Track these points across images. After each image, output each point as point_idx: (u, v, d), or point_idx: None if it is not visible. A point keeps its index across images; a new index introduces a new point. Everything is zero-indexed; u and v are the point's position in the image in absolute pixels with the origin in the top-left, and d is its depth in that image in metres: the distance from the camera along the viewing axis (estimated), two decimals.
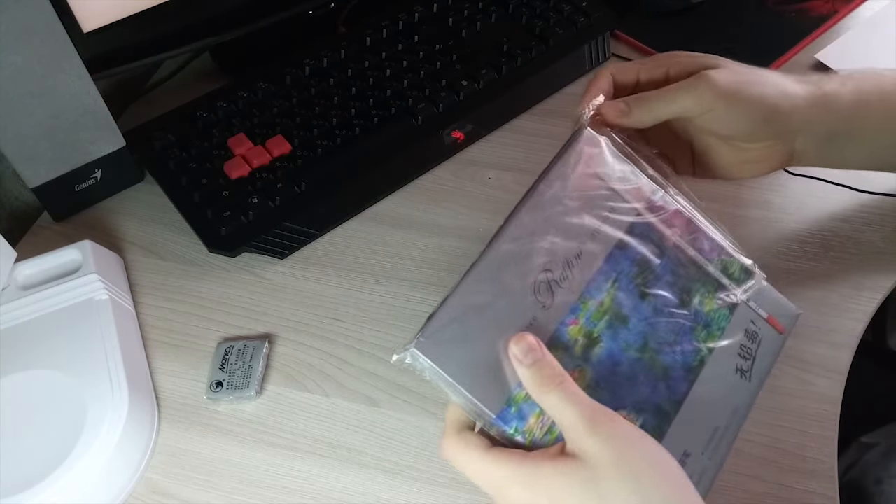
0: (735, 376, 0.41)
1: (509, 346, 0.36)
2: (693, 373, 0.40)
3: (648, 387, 0.38)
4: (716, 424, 0.40)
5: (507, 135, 0.65)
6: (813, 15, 0.72)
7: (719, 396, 0.40)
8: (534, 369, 0.35)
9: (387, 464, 0.46)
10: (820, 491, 0.43)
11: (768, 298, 0.44)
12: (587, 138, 0.42)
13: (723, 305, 0.42)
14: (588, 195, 0.41)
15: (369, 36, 0.68)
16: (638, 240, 0.41)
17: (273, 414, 0.49)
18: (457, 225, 0.59)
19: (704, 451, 0.39)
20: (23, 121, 0.54)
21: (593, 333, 0.38)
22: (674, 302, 0.41)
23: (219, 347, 0.51)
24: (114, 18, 0.59)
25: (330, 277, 0.56)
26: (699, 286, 0.42)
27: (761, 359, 0.42)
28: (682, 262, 0.42)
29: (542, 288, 0.38)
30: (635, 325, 0.39)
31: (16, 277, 0.52)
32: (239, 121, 0.62)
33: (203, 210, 0.57)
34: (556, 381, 0.34)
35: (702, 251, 0.43)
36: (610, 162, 0.42)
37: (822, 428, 0.46)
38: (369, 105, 0.63)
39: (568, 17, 0.69)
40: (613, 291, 0.39)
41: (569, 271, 0.39)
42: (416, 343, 0.35)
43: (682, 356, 0.40)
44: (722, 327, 0.42)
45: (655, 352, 0.39)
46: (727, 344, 0.41)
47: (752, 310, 0.43)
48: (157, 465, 0.47)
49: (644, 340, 0.39)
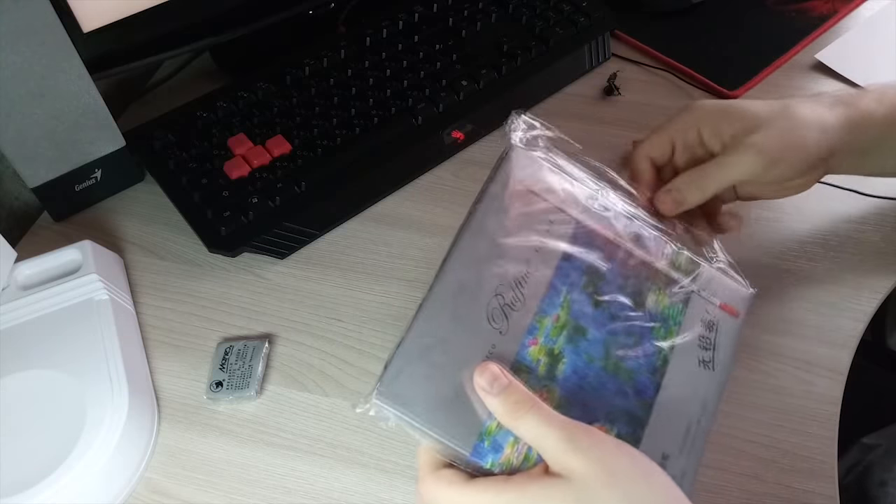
0: (699, 369, 0.41)
1: (473, 378, 0.35)
2: (658, 373, 0.40)
3: (617, 395, 0.38)
4: (688, 421, 0.40)
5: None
6: (813, 15, 0.73)
7: (687, 392, 0.40)
8: (501, 398, 0.34)
9: (387, 464, 0.46)
10: (820, 491, 0.43)
11: (719, 284, 0.44)
12: (517, 156, 0.42)
13: (676, 300, 0.42)
14: (525, 212, 0.40)
15: (369, 36, 0.68)
16: (582, 248, 0.41)
17: (273, 414, 0.49)
18: (457, 225, 0.58)
19: (682, 449, 0.39)
20: (23, 121, 0.54)
21: (555, 350, 0.38)
22: (628, 305, 0.40)
23: (219, 347, 0.51)
24: (114, 18, 0.59)
25: (330, 277, 0.56)
26: (650, 284, 0.42)
27: (722, 347, 0.42)
28: (629, 263, 0.42)
29: (495, 314, 0.37)
30: (594, 334, 0.39)
31: (16, 277, 0.52)
32: (239, 121, 0.62)
33: (203, 210, 0.57)
34: (527, 406, 0.34)
35: (647, 249, 0.43)
36: (542, 176, 0.42)
37: (823, 428, 0.46)
38: (369, 105, 0.63)
39: (568, 17, 0.69)
40: (567, 304, 0.39)
41: (519, 292, 0.38)
42: (375, 393, 0.34)
43: (646, 358, 0.40)
44: (679, 322, 0.42)
45: (619, 359, 0.39)
46: (686, 338, 0.41)
47: (704, 299, 0.43)
48: (157, 465, 0.47)
49: (605, 349, 0.39)
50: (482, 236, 0.39)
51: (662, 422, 0.39)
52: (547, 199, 0.41)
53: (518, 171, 0.41)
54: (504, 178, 0.41)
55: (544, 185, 0.42)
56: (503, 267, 0.39)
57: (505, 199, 0.40)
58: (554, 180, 0.42)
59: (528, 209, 0.41)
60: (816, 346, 0.49)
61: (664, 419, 0.39)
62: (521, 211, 0.40)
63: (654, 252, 0.43)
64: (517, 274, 0.39)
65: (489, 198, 0.40)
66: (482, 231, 0.39)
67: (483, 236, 0.39)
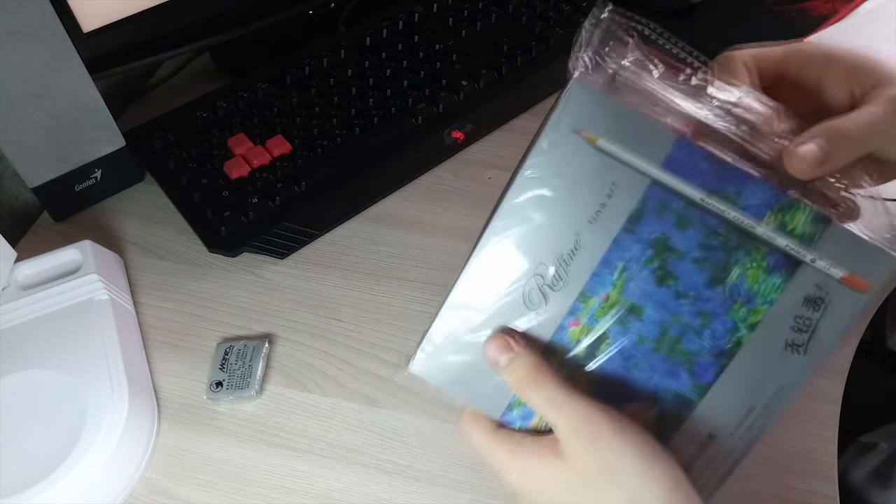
0: (784, 353, 0.34)
1: (483, 349, 0.35)
2: (726, 356, 0.34)
3: (667, 376, 0.35)
4: (752, 404, 0.34)
5: (507, 135, 0.65)
6: (813, 15, 0.72)
7: (760, 375, 0.34)
8: (507, 371, 0.34)
9: (387, 464, 0.46)
10: (820, 491, 0.43)
11: (848, 248, 0.33)
12: (580, 91, 0.34)
13: (774, 275, 0.34)
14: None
15: (369, 36, 0.68)
16: (653, 215, 0.33)
17: (273, 414, 0.49)
18: (457, 225, 0.59)
19: (736, 430, 0.35)
20: (23, 121, 0.54)
21: (599, 331, 0.35)
22: (701, 282, 0.34)
23: (219, 347, 0.51)
24: (114, 18, 0.59)
25: (330, 277, 0.56)
26: (741, 255, 0.33)
27: (826, 328, 0.34)
28: (717, 229, 0.33)
29: (532, 295, 0.35)
30: (651, 314, 0.34)
31: (16, 277, 0.52)
32: (239, 121, 0.62)
33: (203, 210, 0.57)
34: (532, 384, 0.34)
35: (748, 207, 0.33)
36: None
37: (823, 428, 0.46)
38: (369, 105, 0.63)
39: (568, 17, 0.69)
40: (621, 283, 0.34)
41: (564, 269, 0.34)
42: (412, 362, 0.35)
43: (712, 340, 0.34)
44: (770, 300, 0.34)
45: (676, 340, 0.34)
46: (775, 318, 0.34)
47: (819, 271, 0.33)
48: (157, 465, 0.47)
49: (661, 330, 0.34)
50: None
51: (718, 403, 0.35)
52: (613, 148, 0.33)
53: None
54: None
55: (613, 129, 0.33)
56: (548, 236, 0.34)
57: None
58: (630, 117, 0.33)
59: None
60: None
61: (721, 401, 0.35)
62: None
63: (759, 210, 0.33)
64: (563, 247, 0.34)
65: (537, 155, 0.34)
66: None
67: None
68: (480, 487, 0.44)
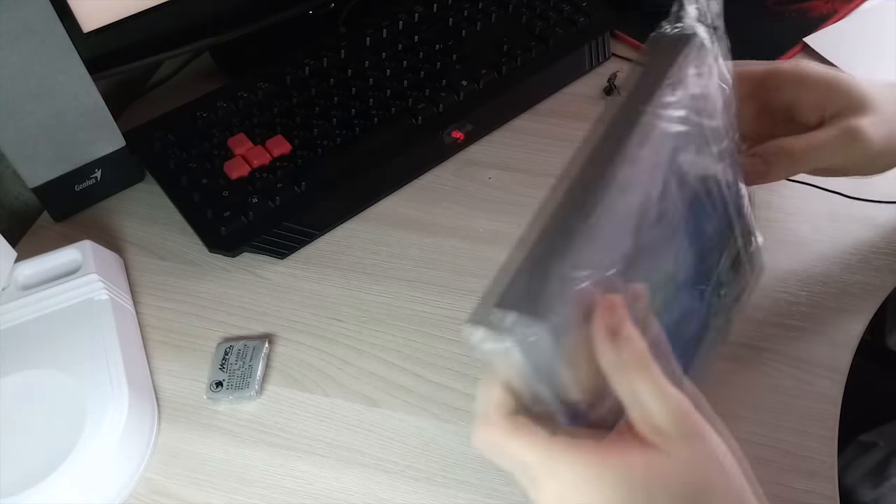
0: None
1: (596, 315, 0.28)
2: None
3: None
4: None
5: (507, 135, 0.65)
6: (813, 15, 0.72)
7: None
8: (620, 346, 0.28)
9: (387, 464, 0.46)
10: (820, 491, 0.43)
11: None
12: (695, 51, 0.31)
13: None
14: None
15: (369, 36, 0.68)
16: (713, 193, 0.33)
17: (273, 414, 0.49)
18: (457, 225, 0.59)
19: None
20: (23, 121, 0.54)
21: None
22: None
23: (219, 347, 0.51)
24: (114, 18, 0.59)
25: (330, 277, 0.56)
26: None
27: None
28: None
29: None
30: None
31: (16, 277, 0.52)
32: (239, 121, 0.62)
33: (203, 210, 0.57)
34: (643, 369, 0.28)
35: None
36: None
37: (822, 428, 0.46)
38: (369, 105, 0.63)
39: (568, 17, 0.69)
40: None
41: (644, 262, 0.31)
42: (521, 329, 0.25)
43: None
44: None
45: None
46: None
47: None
48: (157, 465, 0.47)
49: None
50: (650, 150, 0.29)
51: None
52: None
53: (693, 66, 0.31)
54: (682, 69, 0.31)
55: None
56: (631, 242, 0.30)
57: (685, 98, 0.30)
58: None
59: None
60: (816, 345, 0.49)
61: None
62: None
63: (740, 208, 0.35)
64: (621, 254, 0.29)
65: (664, 93, 0.30)
66: (652, 144, 0.29)
67: (651, 151, 0.29)
68: (480, 487, 0.44)
